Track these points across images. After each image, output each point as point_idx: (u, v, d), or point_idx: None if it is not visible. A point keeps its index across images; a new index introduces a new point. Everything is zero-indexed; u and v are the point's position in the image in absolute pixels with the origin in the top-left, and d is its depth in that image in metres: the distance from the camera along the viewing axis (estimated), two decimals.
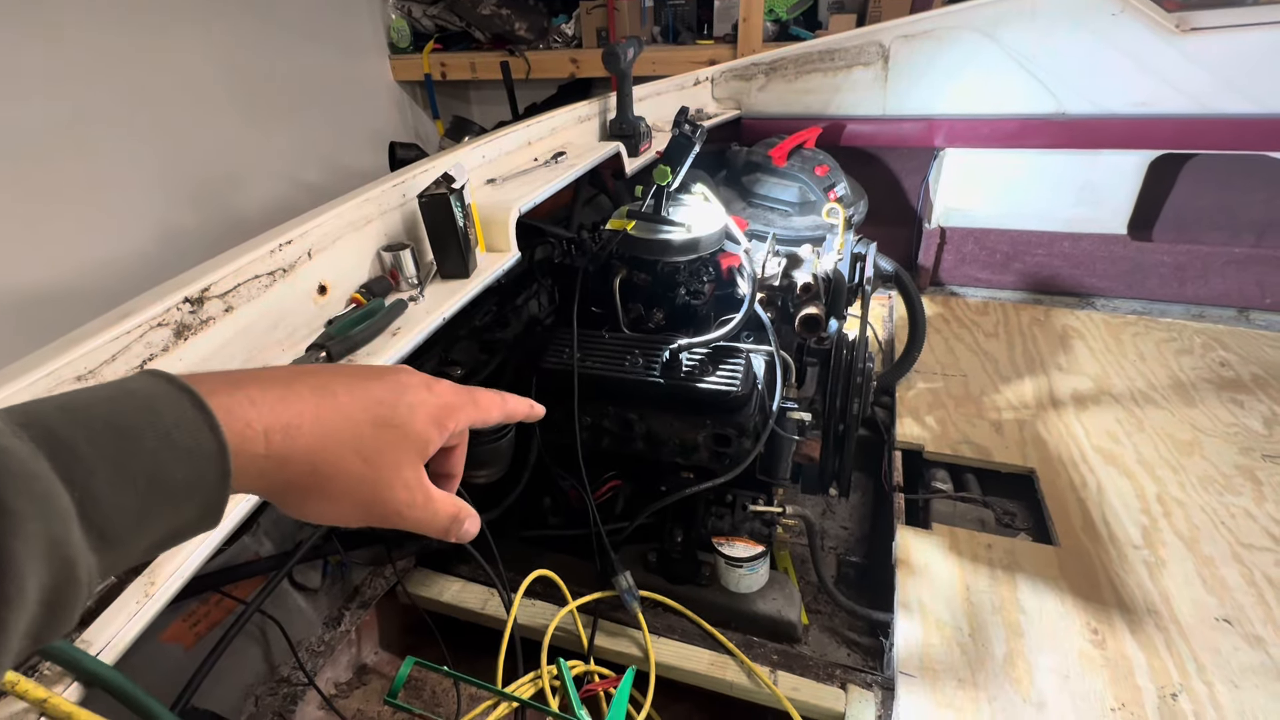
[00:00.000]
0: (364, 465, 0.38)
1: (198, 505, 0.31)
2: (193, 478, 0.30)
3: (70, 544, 0.25)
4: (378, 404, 0.40)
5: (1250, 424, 1.40)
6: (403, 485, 0.40)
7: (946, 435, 1.42)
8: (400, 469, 0.40)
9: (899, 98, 1.91)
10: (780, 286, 1.13)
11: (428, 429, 0.41)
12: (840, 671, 1.01)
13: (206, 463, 0.31)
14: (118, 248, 2.01)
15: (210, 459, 0.31)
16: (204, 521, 0.33)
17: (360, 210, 0.87)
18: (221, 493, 0.32)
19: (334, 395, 0.38)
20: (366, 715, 1.08)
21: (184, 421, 0.30)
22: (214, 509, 0.32)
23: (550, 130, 1.35)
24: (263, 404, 0.34)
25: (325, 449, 0.36)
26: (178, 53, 2.14)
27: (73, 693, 0.45)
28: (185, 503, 0.31)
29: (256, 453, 0.33)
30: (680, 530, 1.17)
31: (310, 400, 0.37)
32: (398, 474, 0.40)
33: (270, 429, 0.34)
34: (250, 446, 0.33)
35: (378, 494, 0.39)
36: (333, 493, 0.37)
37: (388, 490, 0.39)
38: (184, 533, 0.32)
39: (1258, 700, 0.87)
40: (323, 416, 0.37)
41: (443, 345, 1.14)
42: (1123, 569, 1.08)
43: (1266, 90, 1.60)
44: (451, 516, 0.43)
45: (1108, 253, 1.92)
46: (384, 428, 0.39)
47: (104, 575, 0.29)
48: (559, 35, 2.91)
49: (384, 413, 0.40)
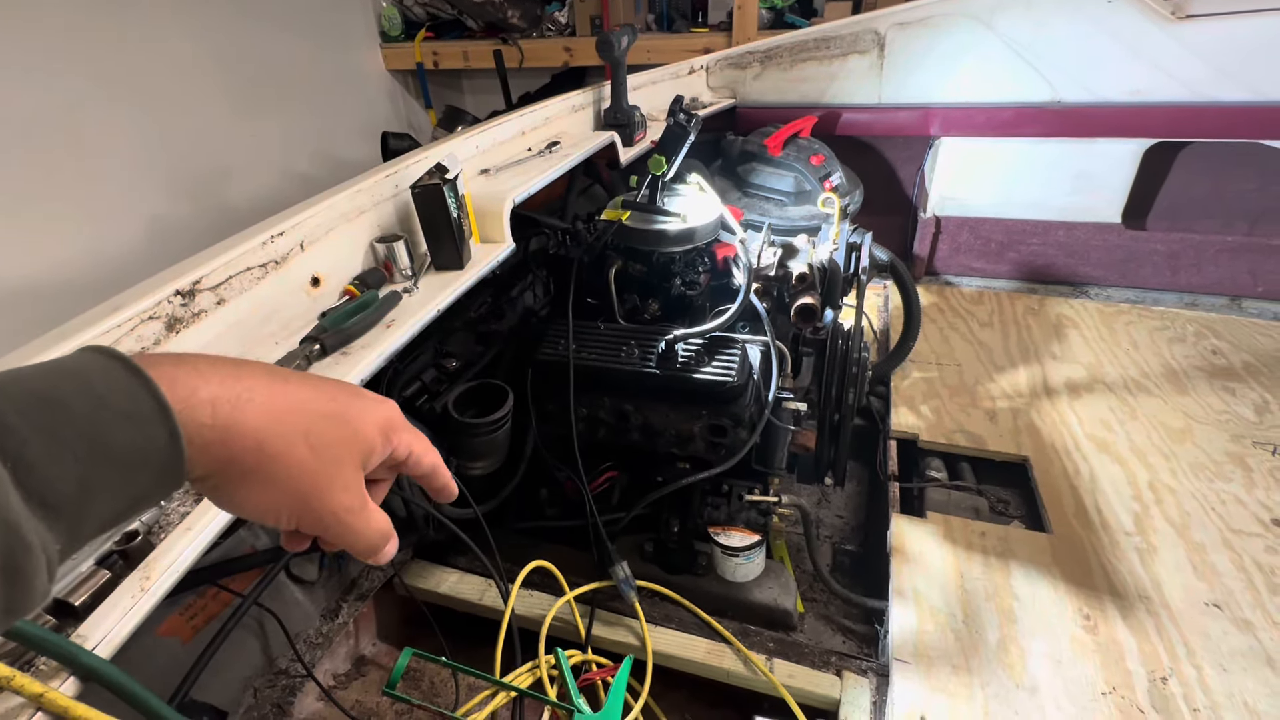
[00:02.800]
0: (310, 454, 0.38)
1: (153, 470, 0.32)
2: (139, 441, 0.31)
3: (9, 509, 0.26)
4: (331, 398, 0.40)
5: (1241, 411, 1.42)
6: (343, 486, 0.40)
7: (941, 424, 1.43)
8: (343, 467, 0.40)
9: (894, 86, 1.90)
10: (776, 277, 1.13)
11: (374, 435, 0.41)
12: (836, 659, 1.02)
13: (151, 425, 0.31)
14: (107, 240, 1.99)
15: (153, 421, 0.31)
16: (164, 485, 0.33)
17: (353, 201, 0.86)
18: (175, 454, 0.32)
19: (287, 381, 0.38)
20: (365, 706, 1.08)
21: (117, 387, 0.30)
22: (172, 471, 0.32)
23: (544, 120, 1.34)
24: (211, 376, 0.34)
25: (274, 428, 0.36)
26: (166, 41, 2.11)
27: (69, 687, 0.45)
28: (139, 469, 0.31)
29: (203, 421, 0.33)
30: (677, 520, 1.17)
31: (263, 380, 0.37)
32: (340, 472, 0.39)
33: (217, 399, 0.34)
34: (197, 414, 0.33)
35: (318, 488, 0.38)
36: (274, 478, 0.37)
37: (328, 487, 0.39)
38: (147, 498, 0.33)
39: (1246, 683, 0.89)
40: (274, 397, 0.37)
41: (438, 337, 1.14)
42: (1114, 555, 1.09)
43: (1261, 78, 1.60)
44: (384, 534, 0.43)
45: (1102, 241, 1.92)
46: (335, 421, 0.39)
47: (66, 544, 0.29)
48: (552, 23, 2.88)
49: (336, 408, 0.40)
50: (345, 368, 0.73)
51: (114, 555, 0.56)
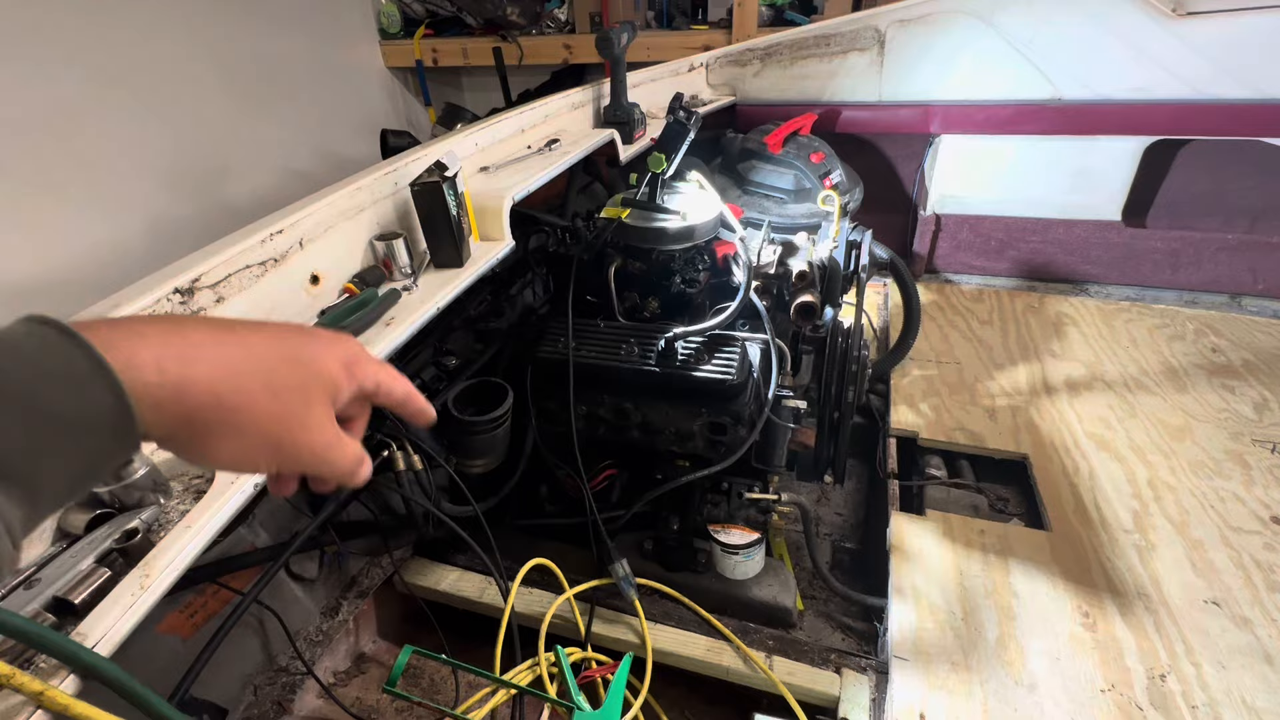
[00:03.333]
0: (273, 400, 0.38)
1: (103, 432, 0.32)
2: (81, 403, 0.31)
3: None
4: (284, 341, 0.40)
5: (1241, 409, 1.42)
6: (315, 425, 0.40)
7: (941, 422, 1.43)
8: (311, 407, 0.40)
9: (895, 83, 1.90)
10: (775, 274, 1.13)
11: (337, 371, 0.41)
12: (835, 656, 1.02)
13: (92, 386, 0.31)
14: (105, 237, 1.99)
15: (93, 382, 0.31)
16: (119, 447, 0.33)
17: (352, 199, 0.86)
18: (123, 414, 0.32)
19: (234, 330, 0.38)
20: (365, 703, 1.09)
21: (52, 351, 0.30)
22: (124, 433, 0.32)
23: (544, 117, 1.34)
24: (151, 336, 0.34)
25: (229, 379, 0.36)
26: (164, 38, 2.10)
27: (69, 685, 0.45)
28: (87, 431, 0.31)
29: (149, 380, 0.33)
30: (676, 518, 1.18)
31: (207, 334, 0.37)
32: (309, 411, 0.40)
33: (161, 357, 0.34)
34: (142, 374, 0.33)
35: (289, 431, 0.39)
36: (241, 427, 0.37)
37: (300, 428, 0.39)
38: (103, 461, 0.33)
39: (1244, 680, 0.89)
40: (224, 348, 0.37)
41: (437, 335, 1.14)
42: (1113, 553, 1.09)
43: (1262, 75, 1.60)
44: (357, 459, 0.44)
45: (1102, 239, 1.92)
46: (293, 363, 0.39)
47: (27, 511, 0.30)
48: (552, 20, 2.87)
49: (291, 351, 0.40)
50: None
51: (114, 553, 0.56)
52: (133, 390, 0.32)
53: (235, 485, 0.60)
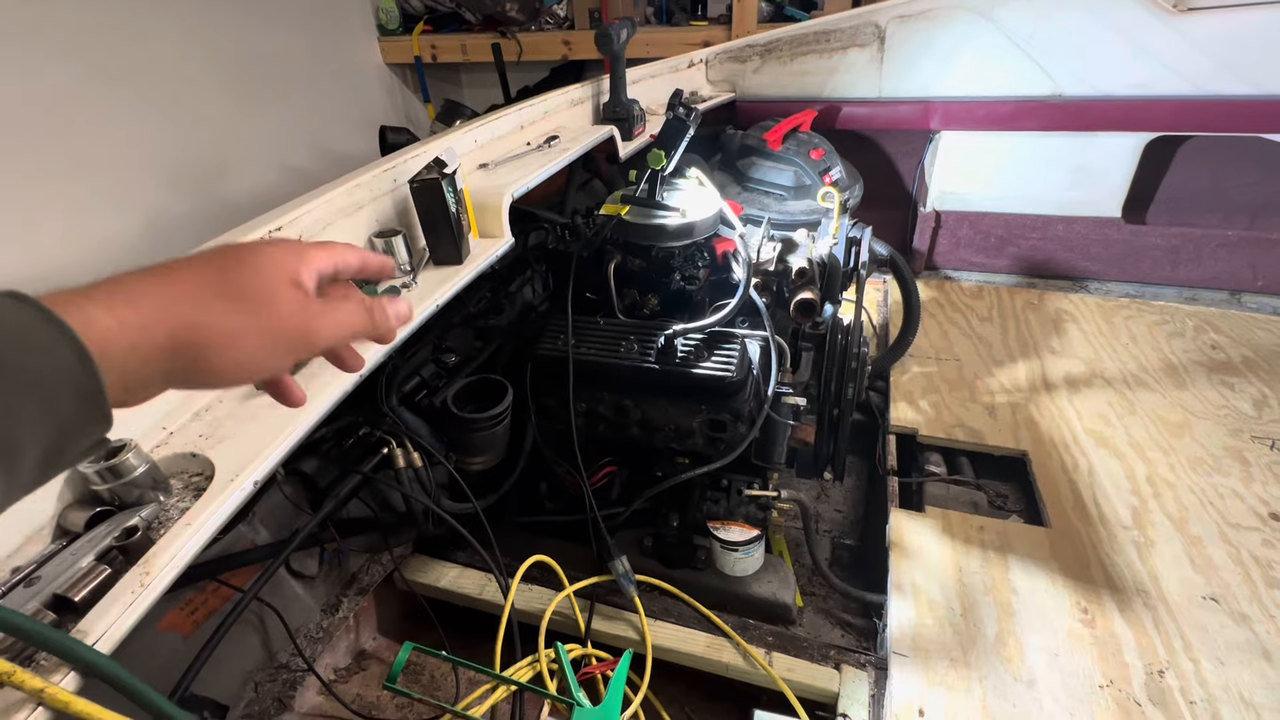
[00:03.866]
0: (235, 302, 0.39)
1: (72, 393, 0.32)
2: (46, 366, 0.31)
3: None
4: (216, 256, 0.41)
5: (1240, 406, 1.42)
6: (297, 308, 0.41)
7: (940, 419, 1.43)
8: (277, 294, 0.41)
9: (895, 80, 1.89)
10: (775, 271, 1.13)
11: (284, 257, 0.42)
12: (834, 652, 1.02)
13: (56, 347, 0.32)
14: (103, 234, 1.98)
15: (54, 339, 0.32)
16: (90, 410, 0.33)
17: (351, 196, 0.85)
18: (88, 370, 0.33)
19: (169, 266, 0.40)
20: (366, 700, 1.09)
21: (9, 316, 0.31)
22: (92, 393, 0.33)
23: (543, 114, 1.33)
24: (96, 294, 0.35)
25: (182, 302, 0.37)
26: (161, 34, 2.09)
27: (70, 682, 0.45)
28: (56, 393, 0.32)
29: (109, 326, 0.34)
30: (676, 515, 1.18)
31: (147, 275, 0.38)
32: (278, 299, 0.41)
33: (112, 304, 0.35)
34: (99, 325, 0.34)
35: (274, 321, 0.40)
36: (226, 337, 0.38)
37: (280, 314, 0.40)
38: (79, 428, 0.33)
39: (1242, 676, 0.89)
40: (165, 282, 0.38)
41: (437, 332, 1.14)
42: (1112, 549, 1.09)
43: (1263, 71, 1.59)
44: (364, 307, 0.45)
45: (1101, 236, 1.92)
46: (233, 270, 0.40)
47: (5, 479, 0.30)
48: (551, 16, 2.86)
49: (225, 260, 0.41)
50: None
51: (114, 551, 0.56)
52: (99, 345, 0.33)
53: (235, 483, 0.59)
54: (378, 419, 0.99)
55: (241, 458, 0.62)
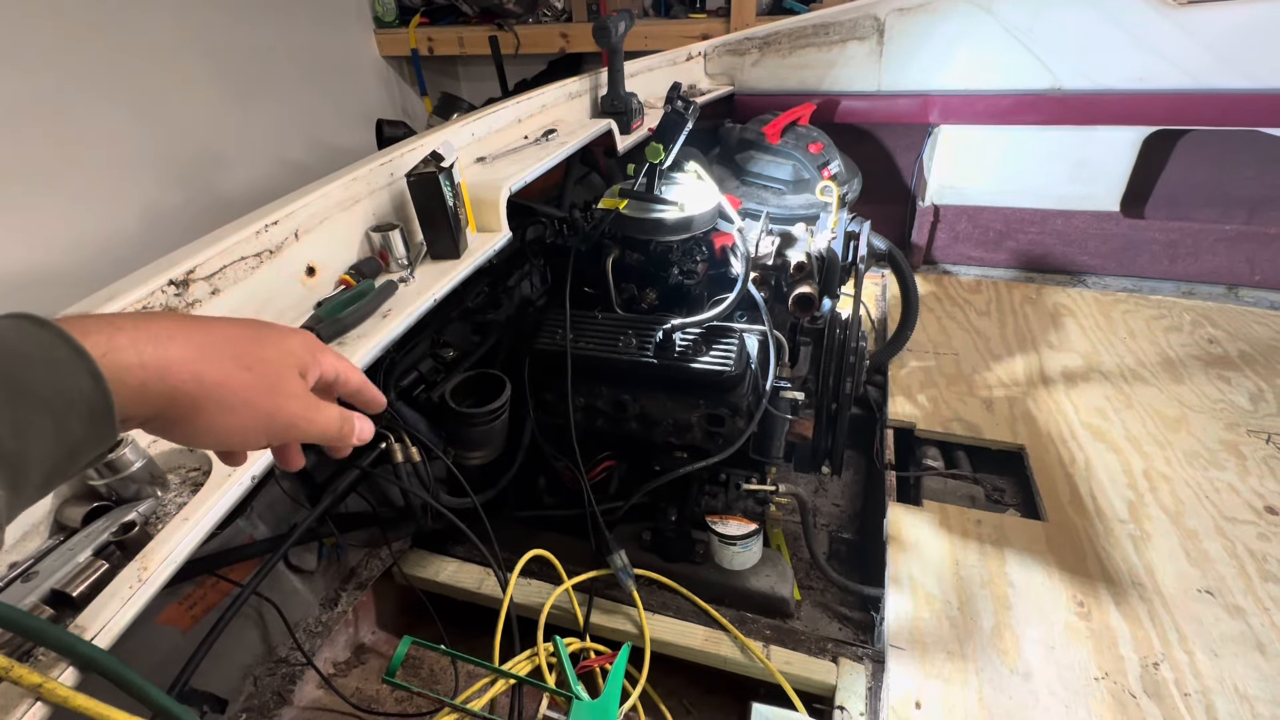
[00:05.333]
0: (248, 373, 0.41)
1: (83, 414, 0.33)
2: (61, 386, 0.32)
3: None
4: (245, 325, 0.44)
5: (1236, 400, 1.42)
6: (293, 394, 0.44)
7: (938, 413, 1.43)
8: (285, 379, 0.43)
9: (894, 73, 1.88)
10: (774, 265, 1.12)
11: (300, 350, 0.45)
12: (832, 645, 1.03)
13: (70, 370, 0.33)
14: (98, 229, 1.97)
15: (71, 365, 0.33)
16: (100, 430, 0.34)
17: (348, 190, 0.85)
18: (101, 396, 0.34)
19: (200, 320, 0.42)
20: (365, 694, 1.09)
21: (29, 338, 0.32)
22: (103, 415, 0.34)
23: (540, 107, 1.32)
24: (124, 325, 0.36)
25: (204, 358, 0.39)
26: (155, 26, 2.07)
27: (68, 677, 0.45)
28: (68, 414, 0.33)
29: (129, 362, 0.35)
30: (674, 509, 1.18)
31: (176, 322, 0.40)
32: (285, 383, 0.43)
33: (137, 340, 0.36)
34: (120, 357, 0.35)
35: (273, 401, 0.42)
36: (224, 402, 0.40)
37: (278, 395, 0.43)
38: (86, 446, 0.34)
39: (1237, 669, 0.90)
40: (194, 332, 0.40)
41: (434, 327, 1.14)
42: (1109, 543, 1.10)
43: (1261, 65, 1.59)
44: (341, 419, 0.48)
45: (1100, 230, 1.92)
46: (259, 342, 0.43)
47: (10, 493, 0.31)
48: (548, 9, 2.85)
49: (255, 331, 0.43)
50: None
51: (111, 546, 0.56)
52: (113, 374, 0.34)
53: (233, 478, 0.59)
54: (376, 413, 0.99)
55: None
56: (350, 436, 0.49)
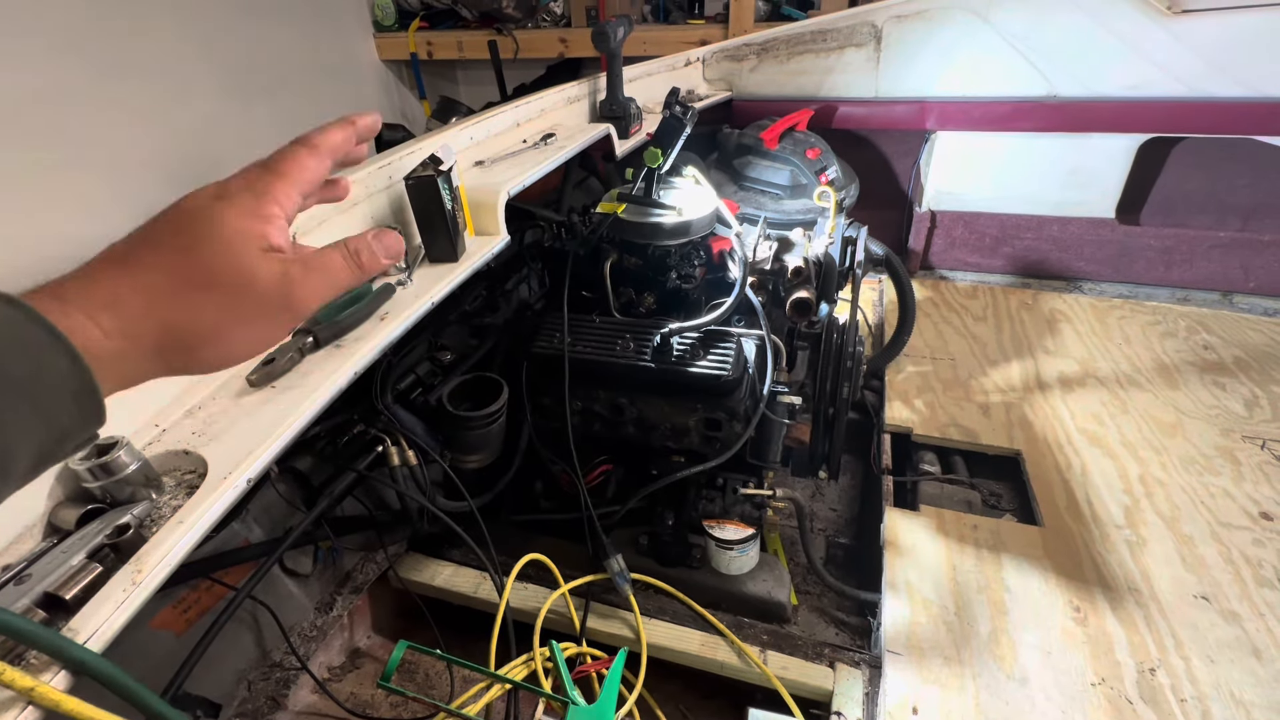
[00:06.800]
0: (209, 294, 0.37)
1: (67, 396, 0.32)
2: (37, 369, 0.31)
3: None
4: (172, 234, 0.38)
5: (1231, 406, 1.43)
6: (270, 278, 0.39)
7: (935, 418, 1.43)
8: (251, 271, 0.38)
9: (891, 80, 1.89)
10: (771, 270, 1.13)
11: (244, 222, 0.39)
12: (829, 650, 1.03)
13: (50, 352, 0.32)
14: (96, 230, 1.94)
15: (47, 345, 0.32)
16: (83, 411, 0.33)
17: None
18: (81, 374, 0.33)
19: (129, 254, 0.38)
20: (360, 698, 1.09)
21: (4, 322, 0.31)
22: (86, 394, 0.33)
23: (539, 111, 1.33)
24: (72, 297, 0.34)
25: (158, 301, 0.36)
26: (156, 29, 2.08)
27: (61, 681, 0.44)
28: (50, 397, 0.32)
29: (93, 335, 0.34)
30: (671, 513, 1.18)
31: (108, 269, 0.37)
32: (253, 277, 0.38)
33: (90, 309, 0.34)
34: (84, 334, 0.33)
35: (252, 306, 0.38)
36: (212, 332, 0.37)
37: (257, 295, 0.38)
38: (72, 430, 0.33)
39: (1232, 674, 0.90)
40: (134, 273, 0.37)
41: (432, 330, 1.14)
42: (1105, 548, 1.10)
43: (1255, 74, 1.60)
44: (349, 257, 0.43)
45: (1095, 236, 1.93)
46: (196, 250, 0.38)
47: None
48: (547, 14, 2.86)
49: (185, 239, 0.38)
50: (339, 360, 0.73)
51: (105, 548, 0.55)
52: (87, 350, 0.33)
53: (228, 480, 0.59)
54: (372, 417, 0.99)
55: (235, 455, 0.61)
56: (376, 261, 0.43)
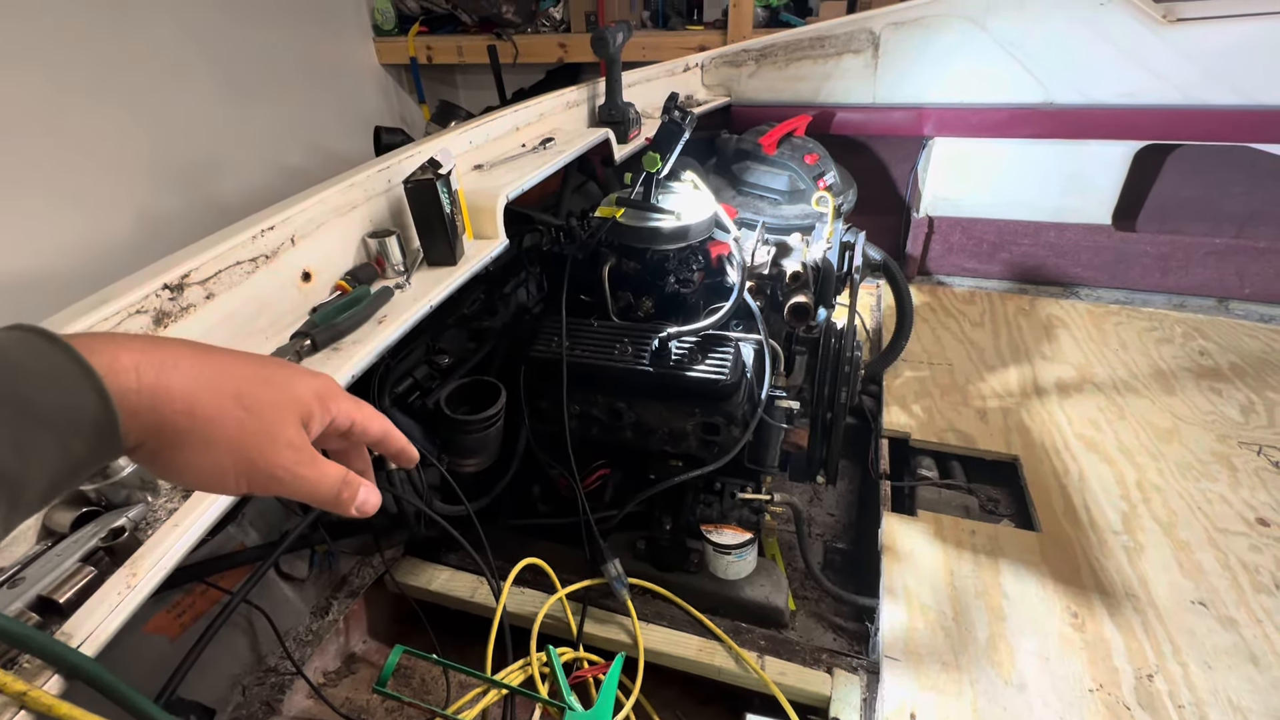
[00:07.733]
0: (245, 413, 0.38)
1: (87, 433, 0.33)
2: (66, 404, 0.32)
3: None
4: (257, 364, 0.41)
5: (1228, 412, 1.43)
6: (286, 443, 0.40)
7: (932, 423, 1.43)
8: (284, 425, 0.40)
9: (889, 86, 1.90)
10: (769, 275, 1.13)
11: (308, 398, 0.42)
12: (826, 656, 1.02)
13: (77, 388, 0.32)
14: (93, 233, 1.97)
15: (78, 384, 0.32)
16: (102, 449, 0.34)
17: (345, 196, 0.85)
18: (107, 415, 0.33)
19: (210, 350, 0.40)
20: (355, 704, 1.08)
21: (37, 355, 0.32)
22: (107, 434, 0.33)
23: (538, 116, 1.33)
24: (131, 346, 0.35)
25: (203, 392, 0.37)
26: (154, 32, 2.08)
27: (53, 685, 0.44)
28: (72, 432, 0.32)
29: (129, 386, 0.34)
30: (669, 518, 1.18)
31: (185, 349, 0.38)
32: (281, 429, 0.40)
33: (140, 364, 0.35)
34: (121, 380, 0.34)
35: (260, 447, 0.39)
36: (211, 440, 0.38)
37: (271, 445, 0.40)
38: (86, 463, 0.34)
39: (1230, 681, 0.90)
40: (200, 363, 0.38)
41: (430, 333, 1.13)
42: (1102, 554, 1.10)
43: (1250, 82, 1.62)
44: (339, 480, 0.43)
45: (1092, 243, 1.93)
46: (265, 384, 0.40)
47: (8, 511, 0.30)
48: (547, 19, 2.87)
49: (266, 372, 0.41)
50: (337, 363, 0.73)
51: (100, 552, 0.55)
52: (114, 394, 0.33)
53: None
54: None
55: None
56: (348, 504, 0.44)
